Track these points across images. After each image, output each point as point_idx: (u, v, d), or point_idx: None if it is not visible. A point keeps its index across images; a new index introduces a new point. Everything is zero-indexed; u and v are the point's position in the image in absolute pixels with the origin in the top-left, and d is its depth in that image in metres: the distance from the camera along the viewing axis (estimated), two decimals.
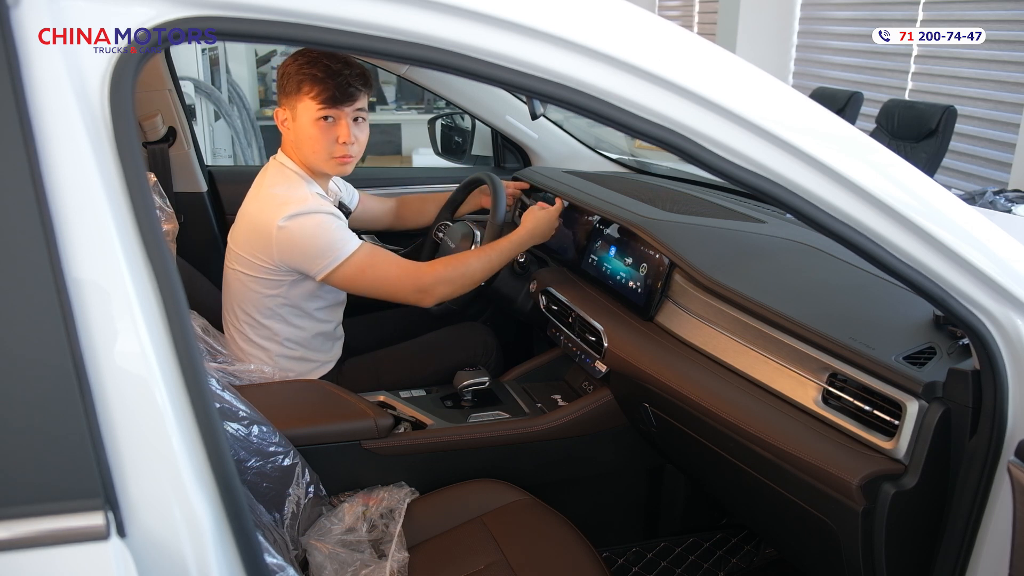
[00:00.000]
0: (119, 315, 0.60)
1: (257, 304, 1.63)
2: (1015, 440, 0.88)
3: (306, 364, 1.72)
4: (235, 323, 1.69)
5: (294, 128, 1.58)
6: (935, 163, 3.77)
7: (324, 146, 1.58)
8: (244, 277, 1.61)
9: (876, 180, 0.77)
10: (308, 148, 1.58)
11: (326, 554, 1.24)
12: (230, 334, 1.71)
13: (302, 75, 1.53)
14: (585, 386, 1.70)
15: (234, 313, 1.68)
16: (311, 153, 1.59)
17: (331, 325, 1.75)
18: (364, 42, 0.64)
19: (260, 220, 1.54)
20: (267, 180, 1.61)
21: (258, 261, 1.56)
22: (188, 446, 0.63)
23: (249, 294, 1.62)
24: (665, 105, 0.72)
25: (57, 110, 0.57)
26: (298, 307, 1.65)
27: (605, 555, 1.69)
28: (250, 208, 1.60)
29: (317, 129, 1.56)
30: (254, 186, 1.64)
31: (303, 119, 1.56)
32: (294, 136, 1.59)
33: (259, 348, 1.67)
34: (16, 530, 0.58)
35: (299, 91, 1.54)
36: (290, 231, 1.50)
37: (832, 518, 1.06)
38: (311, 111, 1.55)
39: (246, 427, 1.16)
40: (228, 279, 1.67)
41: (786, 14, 5.59)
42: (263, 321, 1.65)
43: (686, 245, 1.46)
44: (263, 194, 1.59)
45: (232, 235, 1.65)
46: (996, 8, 3.99)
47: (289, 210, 1.50)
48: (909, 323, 1.12)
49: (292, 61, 1.56)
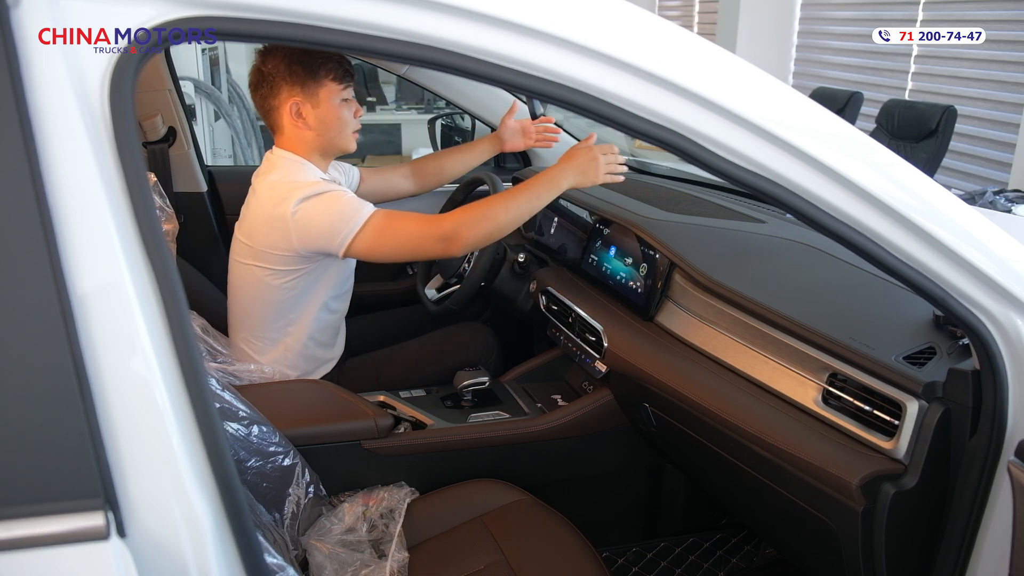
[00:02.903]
0: (119, 315, 0.60)
1: (272, 299, 1.62)
2: (1015, 440, 0.88)
3: (313, 362, 1.72)
4: (246, 323, 1.68)
5: (315, 114, 1.57)
6: (935, 163, 3.77)
7: (349, 124, 1.62)
8: (259, 272, 1.59)
9: (876, 180, 0.77)
10: (335, 130, 1.61)
11: (326, 554, 1.24)
12: (240, 336, 1.70)
13: (305, 62, 1.53)
14: (585, 386, 1.70)
15: (246, 312, 1.67)
16: (338, 135, 1.61)
17: (339, 316, 1.76)
18: (364, 42, 0.64)
19: (273, 211, 1.53)
20: (267, 172, 1.60)
21: (277, 252, 1.55)
22: (188, 446, 0.63)
23: (264, 290, 1.61)
24: (665, 105, 0.72)
25: (57, 110, 0.57)
26: (313, 298, 1.65)
27: (605, 555, 1.69)
28: (259, 201, 1.59)
29: (343, 109, 1.60)
30: (256, 180, 1.63)
31: (327, 104, 1.58)
32: (315, 122, 1.58)
33: (270, 346, 1.67)
34: (16, 530, 0.58)
35: (315, 77, 1.55)
36: (304, 214, 1.49)
37: (832, 518, 1.06)
38: (335, 93, 1.58)
39: (246, 427, 1.16)
40: (240, 277, 1.65)
41: (786, 14, 5.59)
42: (276, 318, 1.64)
43: (686, 245, 1.46)
44: (267, 184, 1.58)
45: (242, 231, 1.63)
46: (996, 8, 4.00)
47: (299, 194, 1.50)
48: (909, 323, 1.12)
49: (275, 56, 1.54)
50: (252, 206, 1.61)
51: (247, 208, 1.63)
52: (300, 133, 1.59)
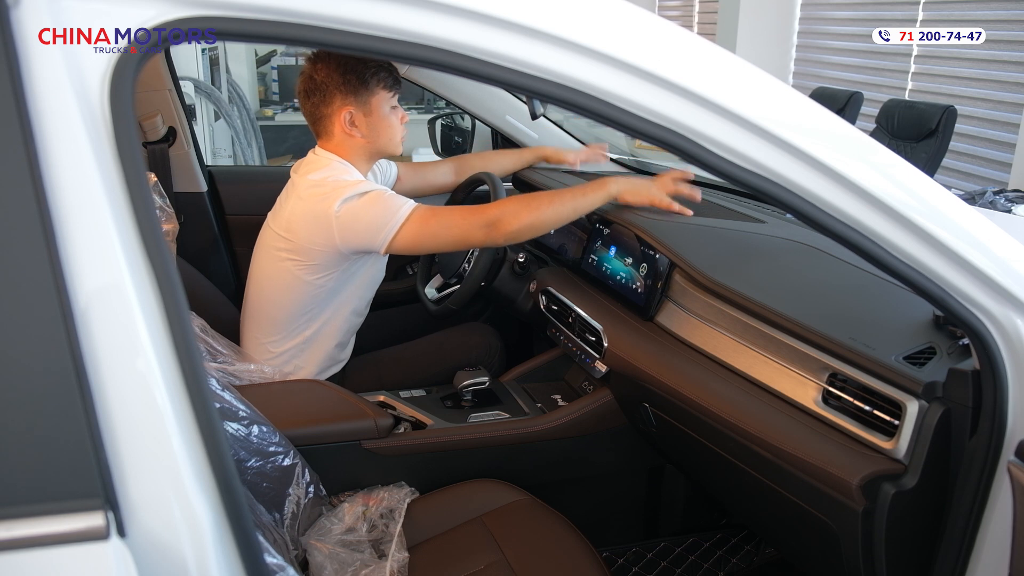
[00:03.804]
0: (119, 315, 0.60)
1: (301, 294, 1.64)
2: (1015, 440, 0.88)
3: (329, 361, 1.74)
4: (268, 312, 1.69)
5: (368, 123, 1.61)
6: (935, 163, 3.77)
7: (398, 130, 1.67)
8: (292, 265, 1.61)
9: (876, 180, 0.77)
10: (386, 137, 1.65)
11: (326, 554, 1.24)
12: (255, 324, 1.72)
13: (358, 71, 1.56)
14: (585, 386, 1.70)
15: (270, 302, 1.68)
16: (388, 141, 1.66)
17: (363, 318, 1.79)
18: (364, 42, 0.64)
19: (316, 208, 1.55)
20: (311, 169, 1.62)
21: (316, 248, 1.57)
22: (188, 446, 0.63)
23: (295, 284, 1.63)
24: (665, 105, 0.72)
25: (57, 110, 0.57)
26: (342, 298, 1.68)
27: (605, 555, 1.69)
28: (300, 196, 1.59)
29: (394, 116, 1.65)
30: (296, 175, 1.65)
31: (378, 112, 1.62)
32: (368, 130, 1.62)
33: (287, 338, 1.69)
34: (16, 530, 0.58)
35: (367, 86, 1.59)
36: (348, 213, 1.52)
37: (832, 518, 1.06)
38: (386, 101, 1.62)
39: (246, 427, 1.16)
40: (270, 267, 1.66)
41: (786, 14, 5.59)
42: (300, 313, 1.66)
43: (686, 245, 1.46)
44: (310, 181, 1.59)
45: (278, 223, 1.64)
46: (996, 8, 3.99)
47: (344, 194, 1.52)
48: (909, 323, 1.12)
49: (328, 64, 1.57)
50: (292, 200, 1.62)
51: (285, 201, 1.66)
52: (351, 140, 1.63)
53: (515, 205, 1.51)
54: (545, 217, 1.51)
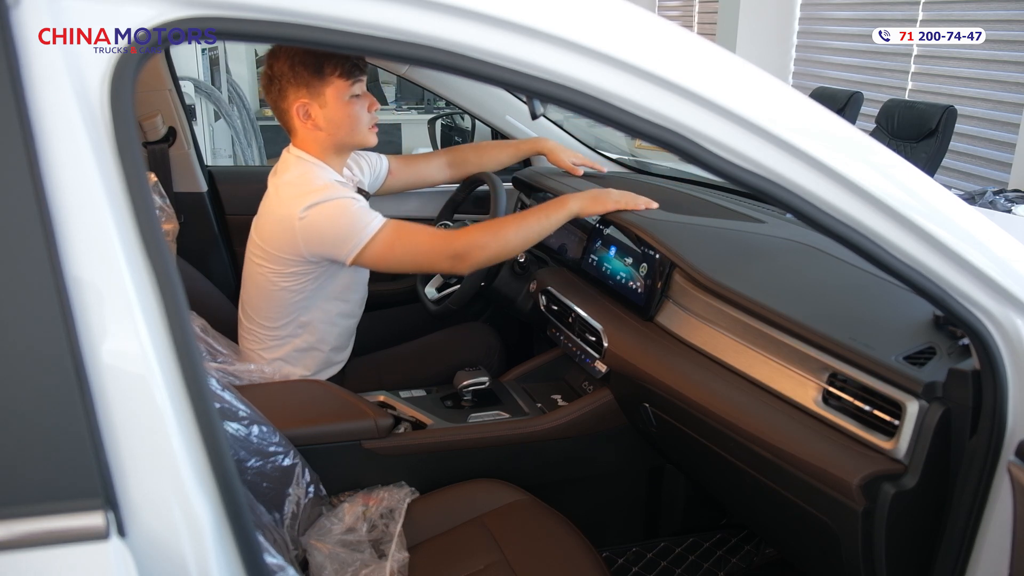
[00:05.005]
0: (119, 315, 0.60)
1: (279, 299, 1.62)
2: (1015, 440, 0.88)
3: (324, 364, 1.73)
4: (256, 319, 1.67)
5: (324, 114, 1.55)
6: (935, 163, 3.77)
7: (363, 120, 1.59)
8: (266, 271, 1.59)
9: (876, 180, 0.77)
10: (346, 128, 1.58)
11: (326, 554, 1.24)
12: (248, 330, 1.70)
13: (311, 60, 1.51)
14: (585, 386, 1.70)
15: (256, 309, 1.67)
16: (351, 132, 1.59)
17: (356, 321, 1.77)
18: (364, 42, 0.64)
19: (281, 213, 1.53)
20: (282, 172, 1.60)
21: (284, 254, 1.55)
22: (188, 446, 0.63)
23: (272, 289, 1.61)
24: (665, 105, 0.71)
25: (57, 110, 0.57)
26: (323, 302, 1.65)
27: (605, 555, 1.69)
28: (270, 202, 1.59)
29: (354, 105, 1.57)
30: (271, 180, 1.63)
31: (335, 102, 1.55)
32: (324, 122, 1.56)
33: (278, 344, 1.67)
34: (16, 530, 0.58)
35: (321, 75, 1.52)
36: (312, 220, 1.49)
37: (832, 518, 1.06)
38: (343, 90, 1.54)
39: (246, 427, 1.16)
40: (253, 274, 1.65)
41: (786, 14, 5.59)
42: (282, 317, 1.64)
43: (686, 245, 1.46)
44: (280, 184, 1.58)
45: (257, 228, 1.63)
46: (996, 8, 3.99)
47: (308, 200, 1.49)
48: (909, 323, 1.12)
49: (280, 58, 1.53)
50: (266, 206, 1.61)
51: (263, 207, 1.63)
52: (312, 134, 1.58)
53: (483, 236, 1.51)
54: (512, 246, 1.54)
